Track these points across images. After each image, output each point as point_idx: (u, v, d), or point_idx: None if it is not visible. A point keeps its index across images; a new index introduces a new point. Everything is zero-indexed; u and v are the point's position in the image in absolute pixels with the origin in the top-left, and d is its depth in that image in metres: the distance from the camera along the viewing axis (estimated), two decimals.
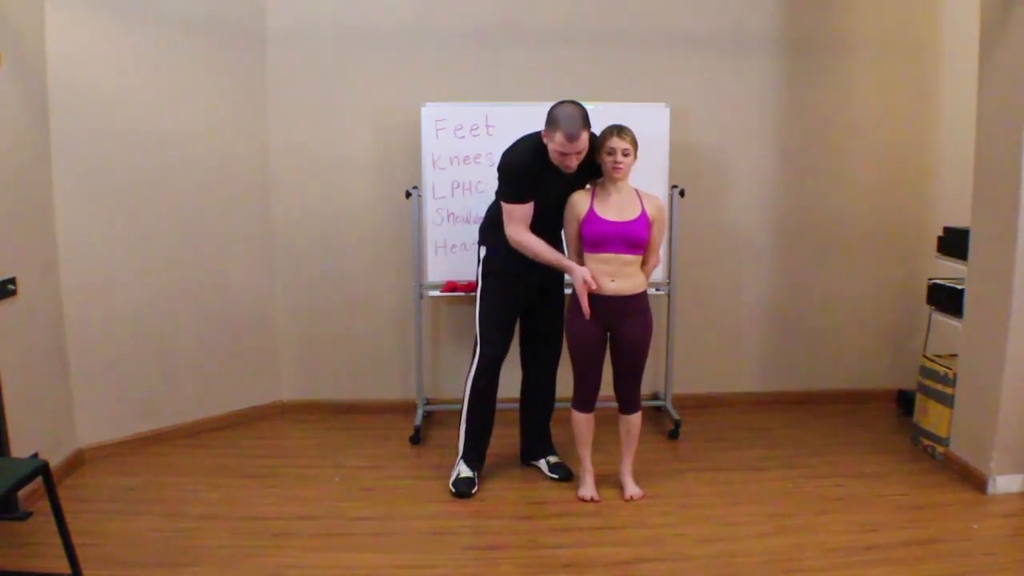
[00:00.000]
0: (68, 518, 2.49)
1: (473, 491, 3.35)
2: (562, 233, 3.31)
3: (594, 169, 3.23)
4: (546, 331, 3.48)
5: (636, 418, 3.32)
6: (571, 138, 3.01)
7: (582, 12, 4.12)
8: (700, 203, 4.23)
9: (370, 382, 4.37)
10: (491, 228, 3.37)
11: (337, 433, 4.09)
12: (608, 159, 3.09)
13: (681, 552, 2.90)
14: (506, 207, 3.22)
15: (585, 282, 3.07)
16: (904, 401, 4.33)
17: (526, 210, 3.19)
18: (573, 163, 3.11)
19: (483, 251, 3.42)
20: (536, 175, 3.18)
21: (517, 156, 3.22)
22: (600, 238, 3.11)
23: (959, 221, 3.73)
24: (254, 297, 4.18)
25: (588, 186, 3.28)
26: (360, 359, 4.36)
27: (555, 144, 3.05)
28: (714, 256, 4.38)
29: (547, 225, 3.27)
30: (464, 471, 3.41)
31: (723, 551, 2.91)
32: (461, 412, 3.45)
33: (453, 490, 3.35)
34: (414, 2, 4.08)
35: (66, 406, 3.55)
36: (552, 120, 3.06)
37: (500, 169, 3.26)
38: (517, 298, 3.37)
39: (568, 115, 3.02)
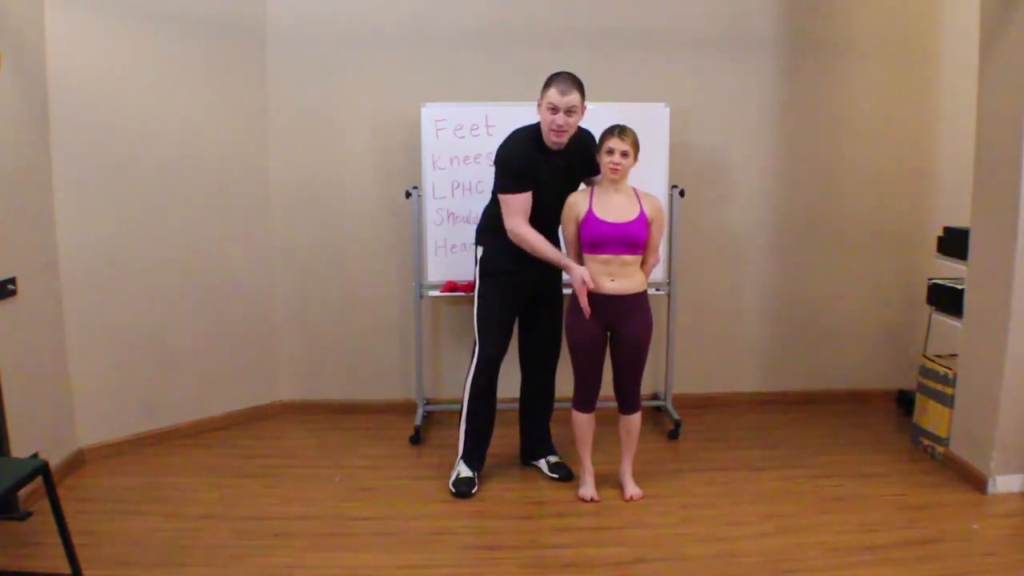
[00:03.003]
0: (68, 518, 2.49)
1: (473, 491, 3.35)
2: (559, 232, 3.31)
3: (590, 164, 3.24)
4: (545, 331, 3.47)
5: (636, 418, 3.32)
6: (562, 92, 3.07)
7: (582, 12, 4.12)
8: (700, 203, 4.23)
9: (370, 382, 4.37)
10: (488, 228, 3.37)
11: (337, 433, 4.09)
12: (607, 158, 3.09)
13: (681, 552, 2.90)
14: (504, 199, 3.22)
15: (584, 282, 3.08)
16: (904, 401, 4.33)
17: (524, 201, 3.19)
18: (564, 131, 3.12)
19: (480, 251, 3.42)
20: (531, 163, 3.19)
21: (512, 144, 3.24)
22: (599, 240, 3.11)
23: (959, 221, 3.73)
24: (254, 297, 4.18)
25: (585, 186, 3.29)
26: (360, 359, 4.36)
27: (546, 102, 3.11)
28: (714, 256, 4.38)
29: (544, 220, 3.27)
30: (464, 471, 3.41)
31: (723, 551, 2.91)
32: (461, 412, 3.45)
33: (453, 490, 3.35)
34: (414, 2, 4.08)
35: (66, 406, 3.55)
36: (546, 82, 3.14)
37: (496, 160, 3.28)
38: (515, 297, 3.37)
39: (561, 76, 3.12)
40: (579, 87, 3.12)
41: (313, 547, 2.94)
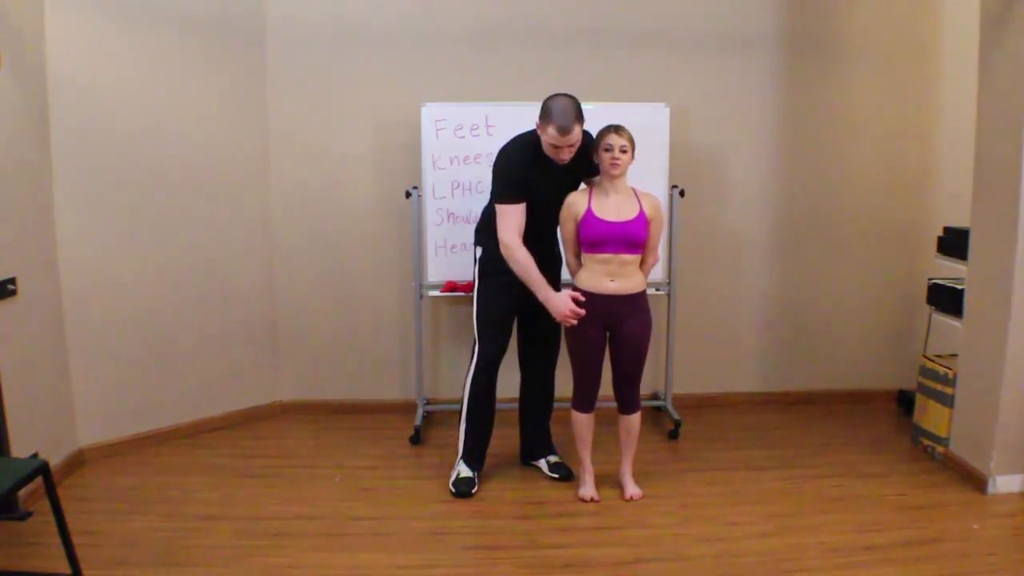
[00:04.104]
0: (68, 518, 2.49)
1: (473, 491, 3.35)
2: (558, 233, 3.31)
3: (589, 166, 3.23)
4: (545, 331, 3.46)
5: (636, 418, 3.32)
6: (563, 131, 3.03)
7: (582, 12, 4.12)
8: (700, 203, 4.23)
9: (370, 382, 4.37)
10: (487, 229, 3.36)
11: (337, 433, 4.09)
12: (606, 155, 3.09)
13: (681, 552, 2.90)
14: (499, 208, 3.21)
15: (567, 314, 3.09)
16: (904, 401, 4.33)
17: (519, 212, 3.18)
18: (566, 155, 3.12)
19: (479, 251, 3.42)
20: (529, 172, 3.18)
21: (510, 153, 3.23)
22: (599, 239, 3.11)
23: (959, 221, 3.73)
24: (254, 297, 4.18)
25: (584, 186, 3.29)
26: (360, 359, 4.36)
27: (547, 137, 3.08)
28: (714, 256, 4.38)
29: (541, 224, 3.27)
30: (464, 471, 3.41)
31: (723, 551, 2.91)
32: (460, 412, 3.45)
33: (453, 490, 3.35)
34: (414, 2, 4.08)
35: (66, 406, 3.55)
36: (545, 112, 3.08)
37: (494, 168, 3.28)
38: (514, 297, 3.34)
39: (561, 108, 3.04)
40: (579, 117, 3.06)
41: (313, 547, 2.93)
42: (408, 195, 3.99)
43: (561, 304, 3.11)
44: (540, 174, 3.19)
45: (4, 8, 3.06)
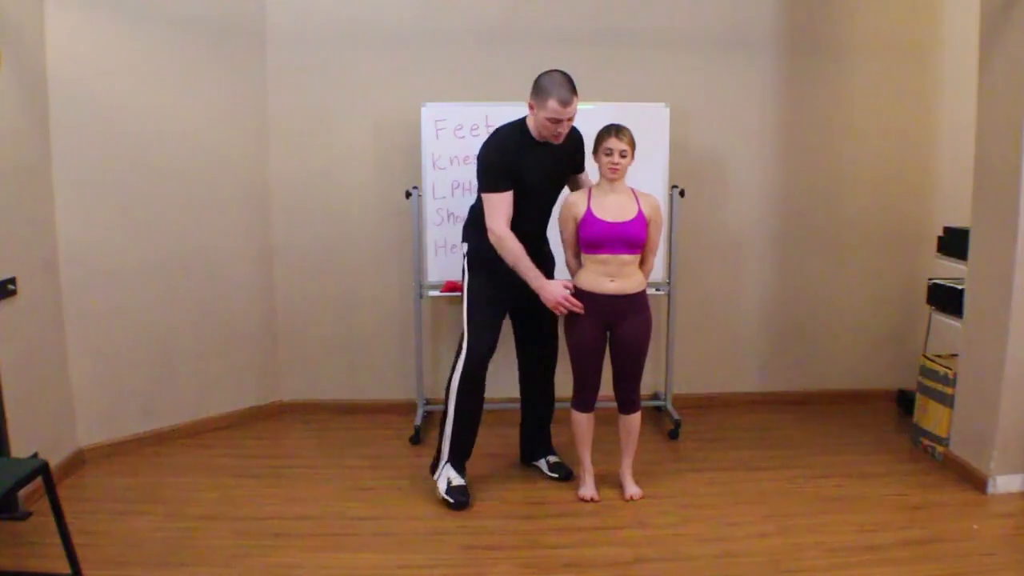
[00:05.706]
0: (68, 518, 2.49)
1: (469, 499, 3.24)
2: (557, 229, 3.30)
3: (577, 158, 3.22)
4: (543, 331, 3.45)
5: (636, 418, 3.32)
6: (564, 103, 3.01)
7: (582, 12, 4.12)
8: (700, 203, 4.23)
9: (370, 382, 4.37)
10: (473, 224, 3.31)
11: (337, 433, 4.09)
12: (605, 159, 3.09)
13: (681, 552, 2.90)
14: (486, 198, 3.15)
15: (559, 302, 3.08)
16: (904, 401, 4.33)
17: (507, 201, 3.12)
18: (564, 130, 3.09)
19: (466, 247, 3.35)
20: (515, 159, 3.13)
21: (494, 142, 3.20)
22: (598, 239, 3.11)
23: (959, 221, 3.74)
24: (254, 297, 4.18)
25: (568, 187, 3.29)
26: (360, 359, 4.36)
27: (547, 112, 3.03)
28: (714, 256, 4.38)
29: (532, 219, 3.25)
30: (455, 478, 3.28)
31: (723, 551, 2.91)
32: (446, 413, 3.27)
33: (450, 500, 3.21)
34: (414, 2, 4.08)
35: (66, 406, 3.55)
36: (542, 89, 3.05)
37: (478, 159, 3.22)
38: (505, 288, 3.23)
39: (558, 82, 3.03)
40: (575, 90, 3.06)
41: (313, 547, 2.94)
42: (408, 195, 3.99)
43: (555, 291, 3.09)
44: (527, 160, 3.14)
45: (4, 8, 3.06)
